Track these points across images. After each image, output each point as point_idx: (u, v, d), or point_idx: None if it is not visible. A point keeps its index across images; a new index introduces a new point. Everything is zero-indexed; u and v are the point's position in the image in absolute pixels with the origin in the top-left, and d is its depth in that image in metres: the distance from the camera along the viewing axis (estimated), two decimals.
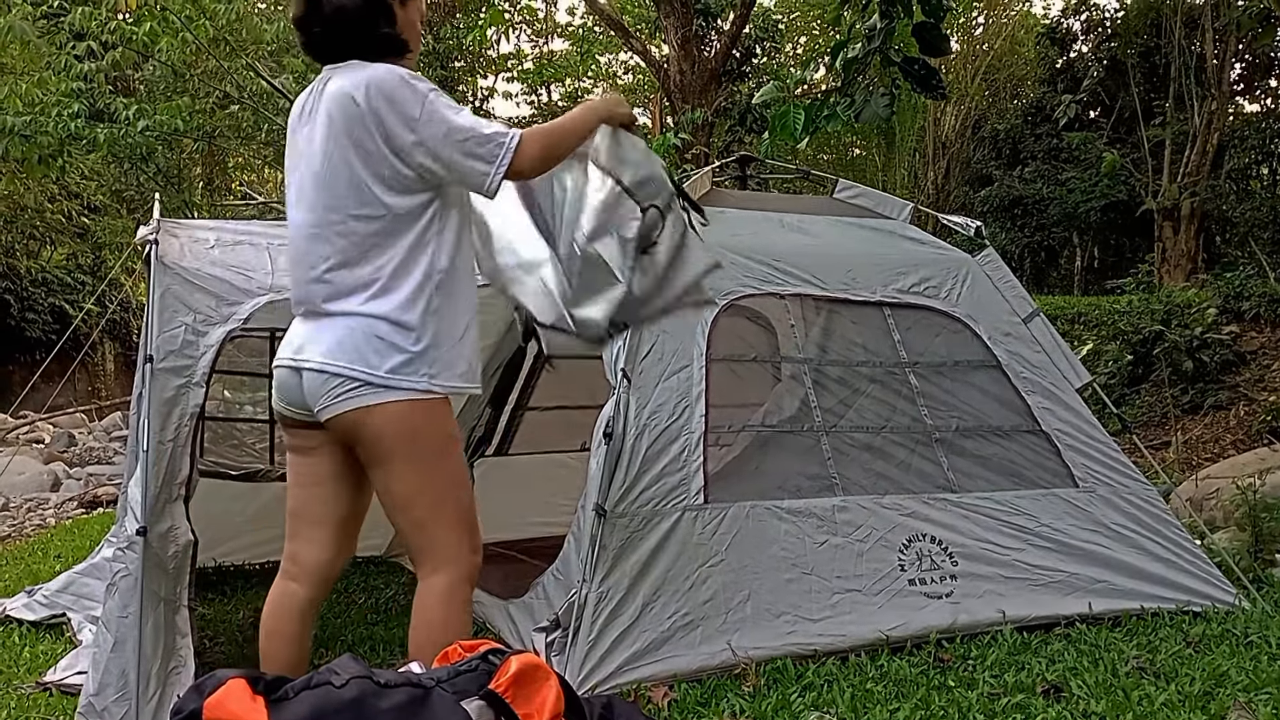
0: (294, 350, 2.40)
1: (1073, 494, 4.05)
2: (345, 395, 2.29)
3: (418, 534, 2.40)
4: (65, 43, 11.17)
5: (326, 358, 2.30)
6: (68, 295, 18.88)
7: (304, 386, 2.35)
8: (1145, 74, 15.70)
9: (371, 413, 2.28)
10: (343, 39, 2.39)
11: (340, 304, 2.34)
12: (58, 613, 4.10)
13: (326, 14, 2.38)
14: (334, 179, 2.33)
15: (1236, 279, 10.14)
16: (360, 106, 2.27)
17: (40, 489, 9.41)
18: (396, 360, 2.28)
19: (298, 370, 2.37)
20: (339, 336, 2.31)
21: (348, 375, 2.28)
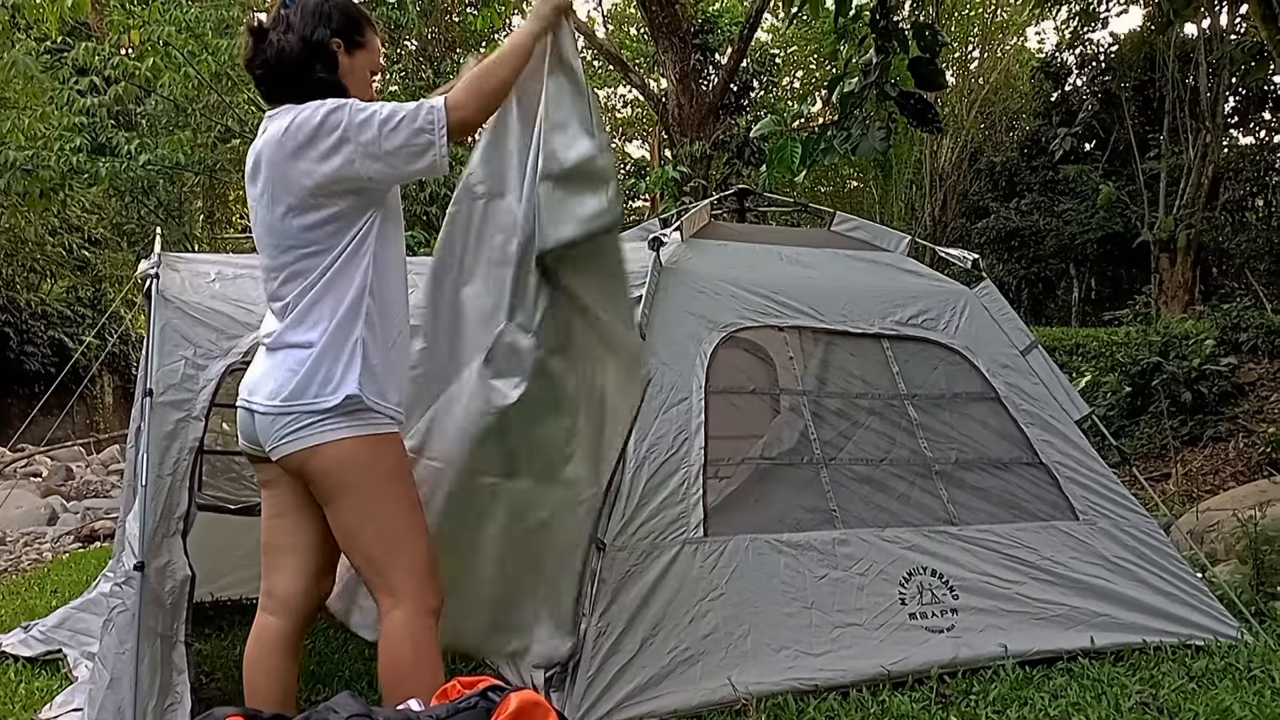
0: (248, 390, 2.43)
1: (1073, 526, 4.04)
2: (289, 435, 2.33)
3: (369, 569, 2.41)
4: (68, 78, 11.27)
5: (268, 398, 2.34)
6: (67, 328, 18.89)
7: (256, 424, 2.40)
8: (1140, 107, 15.84)
9: (315, 452, 2.32)
10: (281, 81, 2.43)
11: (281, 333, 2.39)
12: (54, 648, 4.07)
13: (268, 56, 2.43)
14: (272, 219, 2.37)
15: (1234, 310, 10.16)
16: (285, 148, 2.31)
17: (37, 523, 9.36)
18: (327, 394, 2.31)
19: (250, 411, 2.42)
20: (276, 374, 2.35)
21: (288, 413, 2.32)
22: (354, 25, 2.49)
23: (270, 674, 2.46)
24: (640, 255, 3.83)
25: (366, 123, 2.28)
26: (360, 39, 2.50)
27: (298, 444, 2.31)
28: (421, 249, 10.01)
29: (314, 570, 2.54)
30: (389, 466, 2.38)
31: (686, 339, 3.75)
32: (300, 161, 2.30)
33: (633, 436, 3.35)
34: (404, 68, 19.67)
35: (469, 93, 2.34)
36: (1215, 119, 14.05)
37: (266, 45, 2.43)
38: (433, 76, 19.25)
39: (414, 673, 2.31)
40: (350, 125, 2.27)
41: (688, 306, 3.80)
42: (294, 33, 2.42)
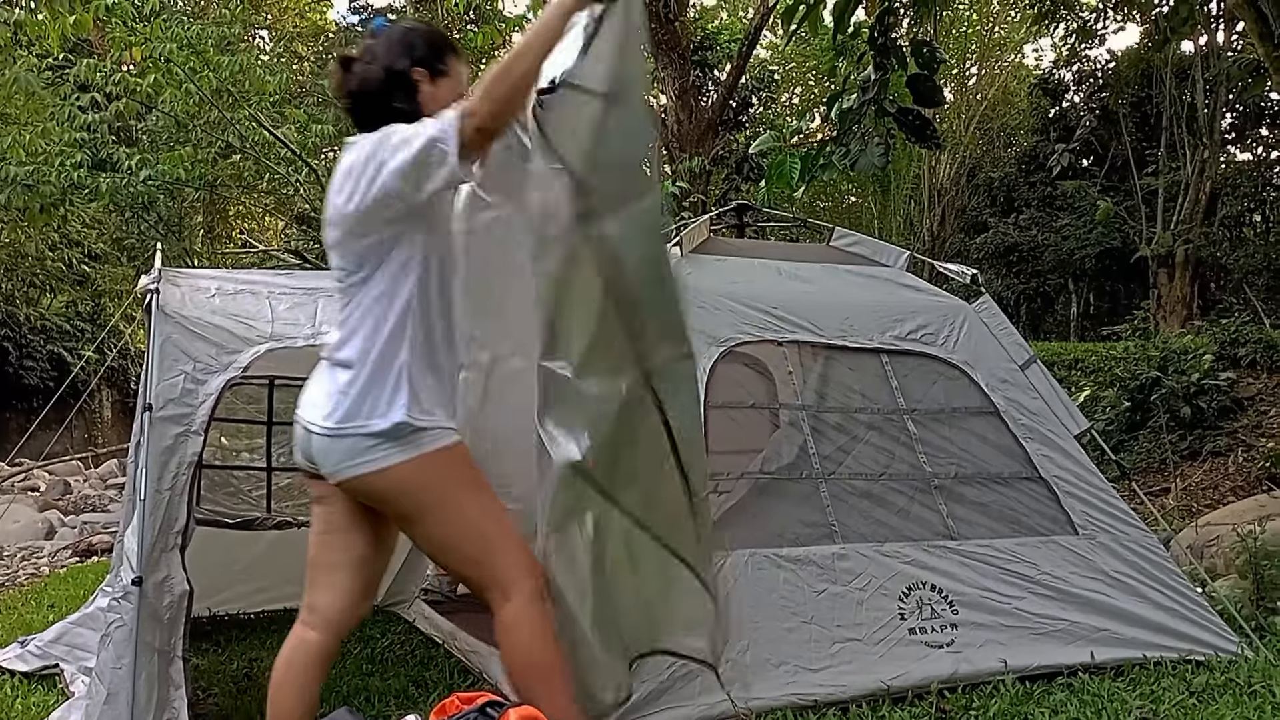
0: (304, 409, 2.45)
1: (1073, 541, 4.03)
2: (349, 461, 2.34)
3: (470, 571, 2.45)
4: (69, 94, 11.31)
5: (323, 420, 2.35)
6: (66, 343, 18.89)
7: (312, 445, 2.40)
8: (1137, 124, 15.91)
9: (382, 476, 2.32)
10: (365, 111, 2.47)
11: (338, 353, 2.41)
12: (51, 664, 4.05)
13: (352, 86, 2.49)
14: (334, 239, 2.42)
15: (1232, 325, 10.18)
16: (346, 177, 2.36)
17: (35, 537, 9.34)
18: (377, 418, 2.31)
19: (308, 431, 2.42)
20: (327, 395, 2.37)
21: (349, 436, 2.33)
22: (438, 53, 2.52)
23: (298, 691, 2.46)
24: None
25: (391, 143, 2.30)
26: (444, 67, 2.52)
27: (359, 469, 2.32)
28: None
29: (359, 589, 2.53)
30: (457, 475, 2.39)
31: None
32: (358, 183, 2.33)
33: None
34: None
35: (483, 97, 2.25)
36: (1213, 135, 14.11)
37: (351, 76, 2.48)
38: None
39: (542, 656, 2.37)
40: (387, 149, 2.30)
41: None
42: (377, 63, 2.46)
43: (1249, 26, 6.73)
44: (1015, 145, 19.31)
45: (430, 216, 2.42)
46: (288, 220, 18.27)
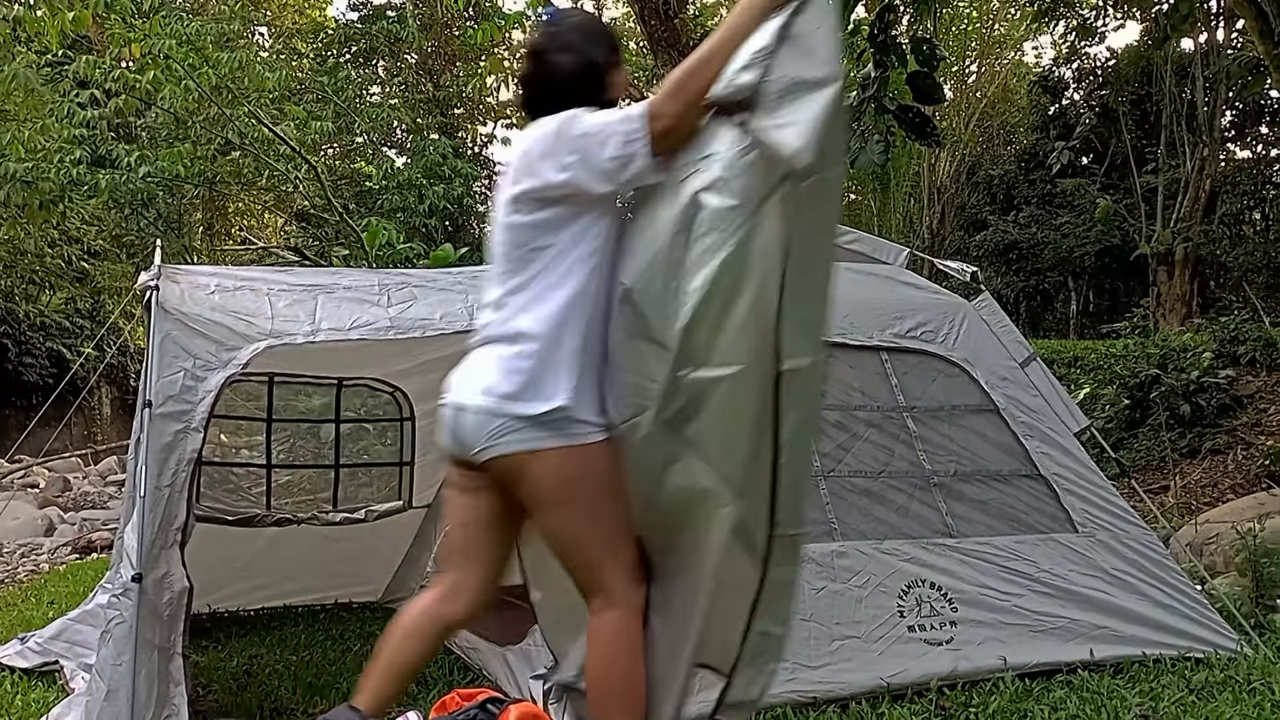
0: (456, 391, 2.40)
1: (1072, 539, 4.04)
2: (501, 438, 2.29)
3: (583, 572, 2.41)
4: (69, 90, 11.30)
5: (480, 395, 2.31)
6: (66, 340, 18.87)
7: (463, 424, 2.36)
8: (1137, 121, 15.90)
9: (532, 458, 2.29)
10: (553, 98, 2.45)
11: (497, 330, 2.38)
12: (50, 660, 4.06)
13: (549, 75, 2.50)
14: (506, 219, 2.42)
15: (1231, 323, 10.18)
16: (533, 153, 2.37)
17: (34, 534, 9.34)
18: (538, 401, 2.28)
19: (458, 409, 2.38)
20: (487, 372, 2.33)
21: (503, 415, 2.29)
22: (614, 47, 2.59)
23: (423, 652, 2.49)
24: None
25: (586, 135, 2.30)
26: (617, 60, 2.57)
27: (507, 447, 2.28)
28: (421, 261, 10.01)
29: (493, 581, 2.53)
30: (600, 475, 2.34)
31: None
32: (541, 165, 2.34)
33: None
34: (404, 81, 19.74)
35: (671, 98, 2.24)
36: (1212, 133, 14.11)
37: (550, 65, 2.49)
38: (432, 90, 19.34)
39: (625, 674, 2.35)
40: (577, 138, 2.31)
41: None
42: (574, 53, 2.49)
43: (1249, 24, 6.73)
44: (1015, 143, 19.30)
45: (610, 205, 2.43)
46: (287, 217, 18.25)
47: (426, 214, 14.72)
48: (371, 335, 3.57)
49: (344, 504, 5.37)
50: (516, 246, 2.39)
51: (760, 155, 2.11)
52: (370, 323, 3.57)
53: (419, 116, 18.70)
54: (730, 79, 2.15)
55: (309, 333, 3.50)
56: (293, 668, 4.24)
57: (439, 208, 14.94)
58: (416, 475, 5.41)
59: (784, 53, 2.10)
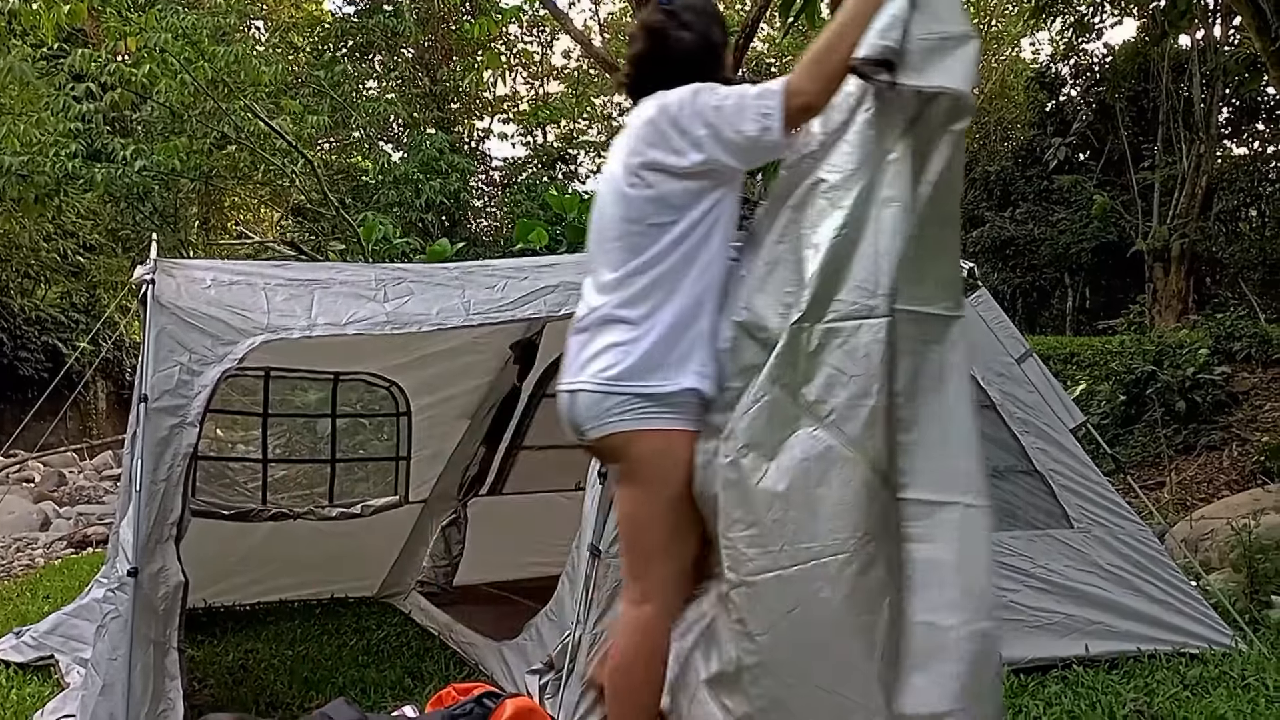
0: (569, 374, 2.38)
1: (1068, 535, 4.04)
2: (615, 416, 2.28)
3: (638, 561, 2.39)
4: (64, 84, 11.27)
5: (596, 375, 2.29)
6: (61, 334, 18.82)
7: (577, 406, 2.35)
8: (1134, 118, 15.90)
9: (640, 436, 2.27)
10: (669, 76, 2.42)
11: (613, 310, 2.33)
12: (46, 654, 4.05)
13: (669, 54, 2.47)
14: (620, 193, 2.38)
15: (1227, 320, 10.20)
16: (654, 127, 2.33)
17: (29, 528, 9.32)
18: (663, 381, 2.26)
19: (572, 392, 2.36)
20: (606, 352, 2.30)
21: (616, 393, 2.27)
22: (725, 26, 2.60)
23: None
24: None
25: (720, 109, 2.27)
26: (725, 38, 2.58)
27: (622, 425, 2.27)
28: (417, 255, 10.00)
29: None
30: (689, 466, 2.29)
31: None
32: (670, 136, 2.30)
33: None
34: (400, 75, 19.72)
35: (810, 75, 2.21)
36: (1209, 130, 14.11)
37: (672, 45, 2.47)
38: (429, 84, 19.31)
39: (644, 673, 2.32)
40: (710, 111, 2.27)
41: None
42: (692, 31, 2.47)
43: (1246, 21, 6.73)
44: (1012, 139, 19.30)
45: (736, 181, 2.40)
46: (283, 212, 18.22)
47: (423, 209, 14.71)
48: (368, 330, 3.56)
49: (340, 499, 5.37)
50: (633, 221, 2.34)
51: (880, 112, 2.15)
52: (367, 318, 3.57)
53: (415, 111, 18.69)
54: (870, 44, 2.14)
55: (305, 327, 3.49)
56: (288, 662, 4.24)
57: (435, 202, 14.93)
58: (413, 470, 5.41)
59: (916, 18, 2.13)
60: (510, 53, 23.06)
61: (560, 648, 3.27)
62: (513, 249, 8.81)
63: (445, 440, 5.45)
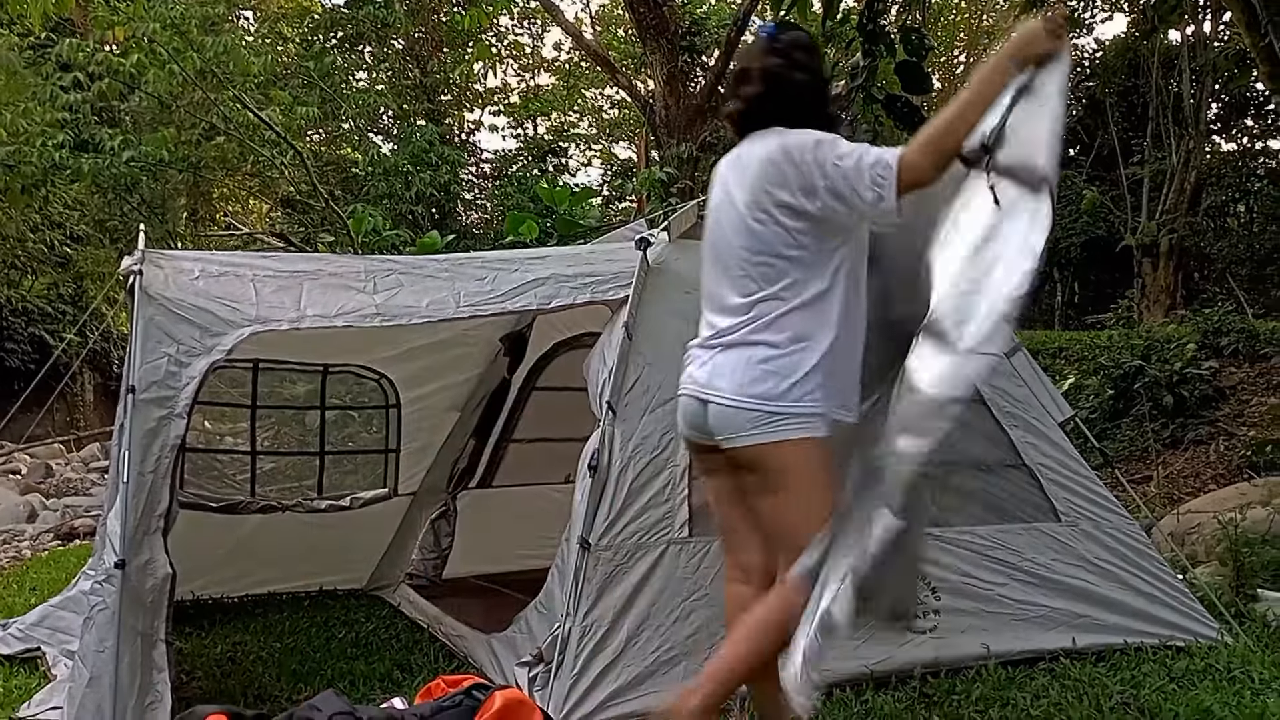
0: (699, 383, 2.59)
1: (1055, 528, 4.06)
2: (753, 429, 2.48)
3: (789, 554, 2.52)
4: (51, 73, 11.19)
5: (734, 392, 2.49)
6: (48, 325, 18.70)
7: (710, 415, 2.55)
8: (1124, 113, 15.94)
9: (777, 448, 2.48)
10: (788, 117, 2.60)
11: (745, 333, 2.54)
12: (32, 646, 4.03)
13: (783, 94, 2.63)
14: (749, 226, 2.56)
15: (1215, 315, 10.24)
16: (779, 168, 2.50)
17: (16, 520, 9.28)
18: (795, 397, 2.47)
19: (704, 401, 2.56)
20: (741, 369, 2.51)
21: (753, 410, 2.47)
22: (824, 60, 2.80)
23: None
24: (627, 256, 3.83)
25: (839, 169, 2.42)
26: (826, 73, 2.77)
27: (759, 438, 2.47)
28: (407, 248, 9.98)
29: (767, 543, 2.67)
30: (823, 469, 2.50)
31: (673, 340, 3.72)
32: (787, 182, 2.48)
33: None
34: (390, 66, 19.63)
35: (927, 154, 2.37)
36: (1198, 125, 14.15)
37: (789, 85, 2.62)
38: (419, 76, 19.23)
39: (778, 635, 2.43)
40: (829, 167, 2.43)
41: (675, 307, 3.79)
42: (805, 71, 2.65)
43: (1236, 16, 6.75)
44: None
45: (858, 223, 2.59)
46: (272, 203, 18.16)
47: (413, 200, 14.68)
48: (357, 322, 3.55)
49: (329, 491, 5.36)
50: (762, 254, 2.54)
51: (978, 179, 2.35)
52: (356, 309, 3.55)
53: (406, 103, 18.63)
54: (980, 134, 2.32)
55: (294, 319, 3.47)
56: (277, 655, 4.23)
57: (425, 195, 14.90)
58: (402, 463, 5.40)
59: (1022, 103, 2.31)
60: (501, 45, 22.98)
61: (550, 640, 3.27)
62: (503, 241, 8.80)
63: (435, 433, 5.44)
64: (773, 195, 2.51)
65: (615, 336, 3.62)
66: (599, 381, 3.59)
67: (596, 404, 3.57)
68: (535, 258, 4.13)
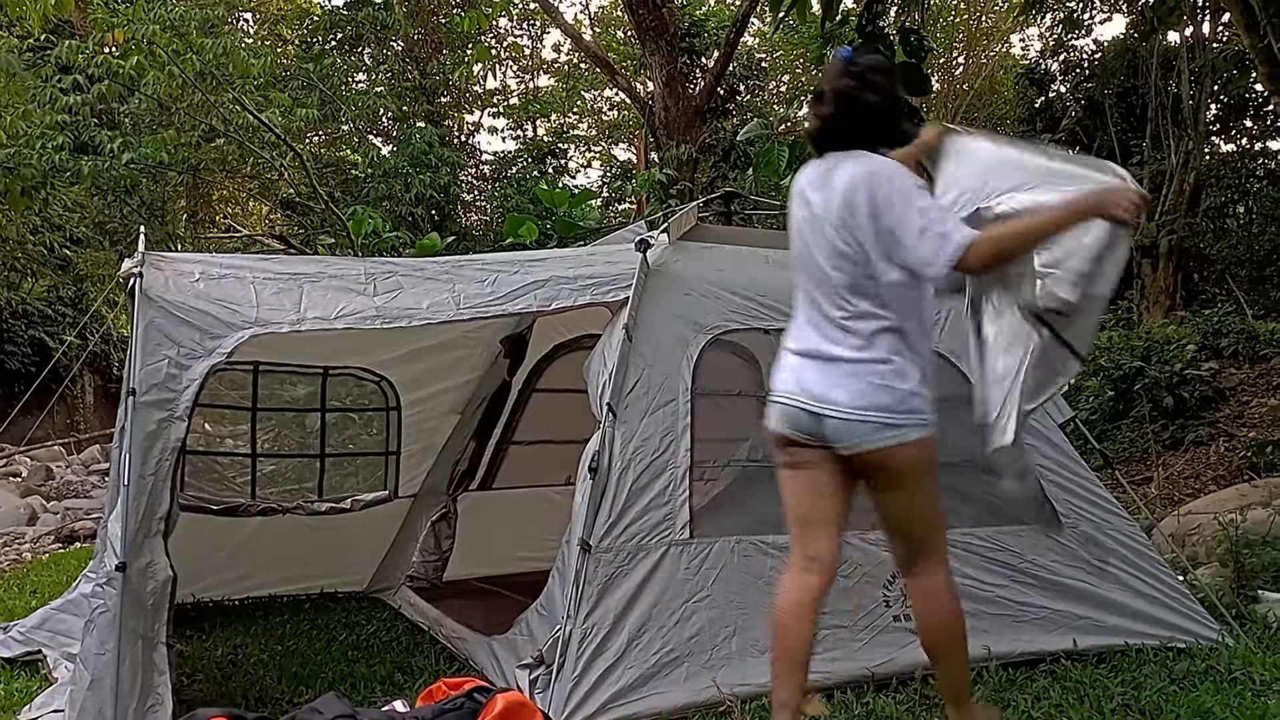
0: (811, 396, 2.76)
1: (1056, 530, 4.06)
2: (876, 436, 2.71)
3: (915, 543, 2.88)
4: (51, 75, 11.19)
5: (851, 406, 2.70)
6: (48, 327, 18.70)
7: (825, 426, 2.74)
8: (1123, 114, 15.92)
9: (900, 450, 2.73)
10: (865, 138, 2.80)
11: (852, 351, 2.73)
12: (33, 649, 4.04)
13: (860, 116, 2.81)
14: (852, 249, 2.73)
15: (1215, 316, 10.23)
16: (860, 192, 2.69)
17: (16, 523, 9.27)
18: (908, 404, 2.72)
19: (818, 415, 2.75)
20: (854, 384, 2.71)
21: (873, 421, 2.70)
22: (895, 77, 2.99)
23: (810, 621, 2.84)
24: (627, 257, 3.83)
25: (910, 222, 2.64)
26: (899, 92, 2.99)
27: (883, 443, 2.71)
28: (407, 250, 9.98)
29: (839, 543, 2.89)
30: (934, 461, 2.81)
31: (673, 341, 3.75)
32: (892, 216, 2.67)
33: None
34: (390, 68, 19.63)
35: (992, 253, 2.61)
36: (1197, 126, 14.14)
37: (862, 103, 2.80)
38: (419, 77, 19.23)
39: (959, 625, 2.86)
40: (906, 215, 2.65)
41: (674, 309, 3.80)
42: (879, 93, 2.82)
43: (1235, 18, 6.75)
44: (1001, 135, 19.34)
45: None
46: (272, 205, 18.15)
47: (413, 202, 14.67)
48: (357, 324, 3.55)
49: (329, 493, 5.35)
50: (851, 274, 2.74)
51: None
52: (356, 312, 3.55)
53: (405, 104, 18.62)
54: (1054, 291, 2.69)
55: (294, 321, 3.47)
56: (277, 657, 4.23)
57: (425, 196, 14.89)
58: (402, 465, 5.40)
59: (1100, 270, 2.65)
60: (500, 46, 22.99)
61: (550, 642, 3.27)
62: (503, 243, 8.79)
63: (435, 435, 5.44)
64: (856, 219, 2.69)
65: (615, 338, 3.62)
66: (599, 383, 3.59)
67: (597, 406, 3.57)
68: (535, 259, 4.13)
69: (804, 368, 2.80)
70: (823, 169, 2.83)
